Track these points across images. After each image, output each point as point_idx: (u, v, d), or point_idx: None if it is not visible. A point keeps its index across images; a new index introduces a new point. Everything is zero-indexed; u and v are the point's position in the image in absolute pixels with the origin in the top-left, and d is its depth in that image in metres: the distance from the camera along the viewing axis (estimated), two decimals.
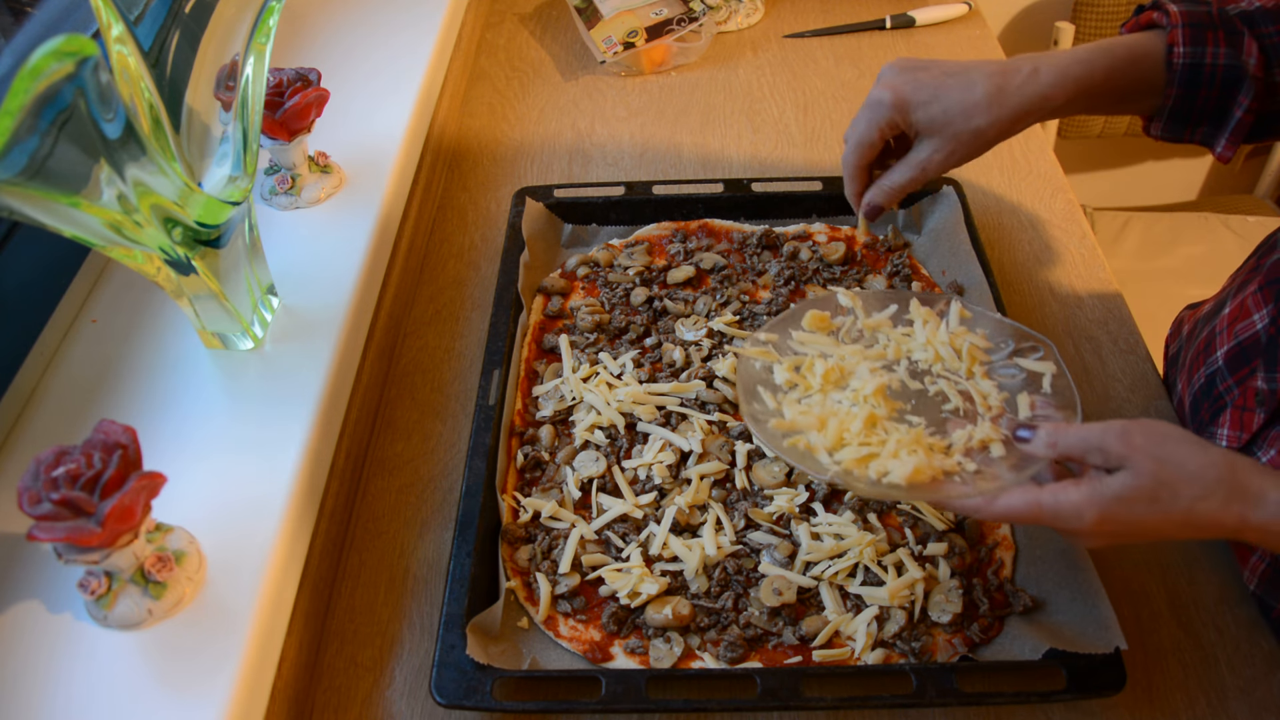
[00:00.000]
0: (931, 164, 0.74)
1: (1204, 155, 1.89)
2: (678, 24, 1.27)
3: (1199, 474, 0.57)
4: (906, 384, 0.73)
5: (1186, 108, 0.71)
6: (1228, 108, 0.71)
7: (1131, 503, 0.58)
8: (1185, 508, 0.57)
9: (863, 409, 0.69)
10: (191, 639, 0.63)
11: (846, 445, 0.68)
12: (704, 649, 0.70)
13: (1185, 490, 0.57)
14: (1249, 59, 0.69)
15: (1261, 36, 0.70)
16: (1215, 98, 0.70)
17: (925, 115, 0.72)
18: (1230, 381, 0.77)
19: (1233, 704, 0.68)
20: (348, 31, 1.17)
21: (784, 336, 0.77)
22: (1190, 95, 0.70)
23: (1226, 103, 0.70)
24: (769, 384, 0.73)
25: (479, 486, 0.75)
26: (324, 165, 0.95)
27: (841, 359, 0.74)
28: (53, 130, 0.54)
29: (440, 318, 0.98)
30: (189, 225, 0.68)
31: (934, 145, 0.73)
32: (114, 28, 0.60)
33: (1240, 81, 0.69)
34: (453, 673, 0.66)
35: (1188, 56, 0.69)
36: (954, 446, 0.68)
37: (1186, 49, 0.69)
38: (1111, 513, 0.58)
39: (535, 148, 1.19)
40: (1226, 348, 0.79)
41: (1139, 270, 1.55)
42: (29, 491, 0.57)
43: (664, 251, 0.99)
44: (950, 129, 0.72)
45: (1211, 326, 0.83)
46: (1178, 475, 0.58)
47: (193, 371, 0.79)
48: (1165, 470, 0.58)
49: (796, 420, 0.69)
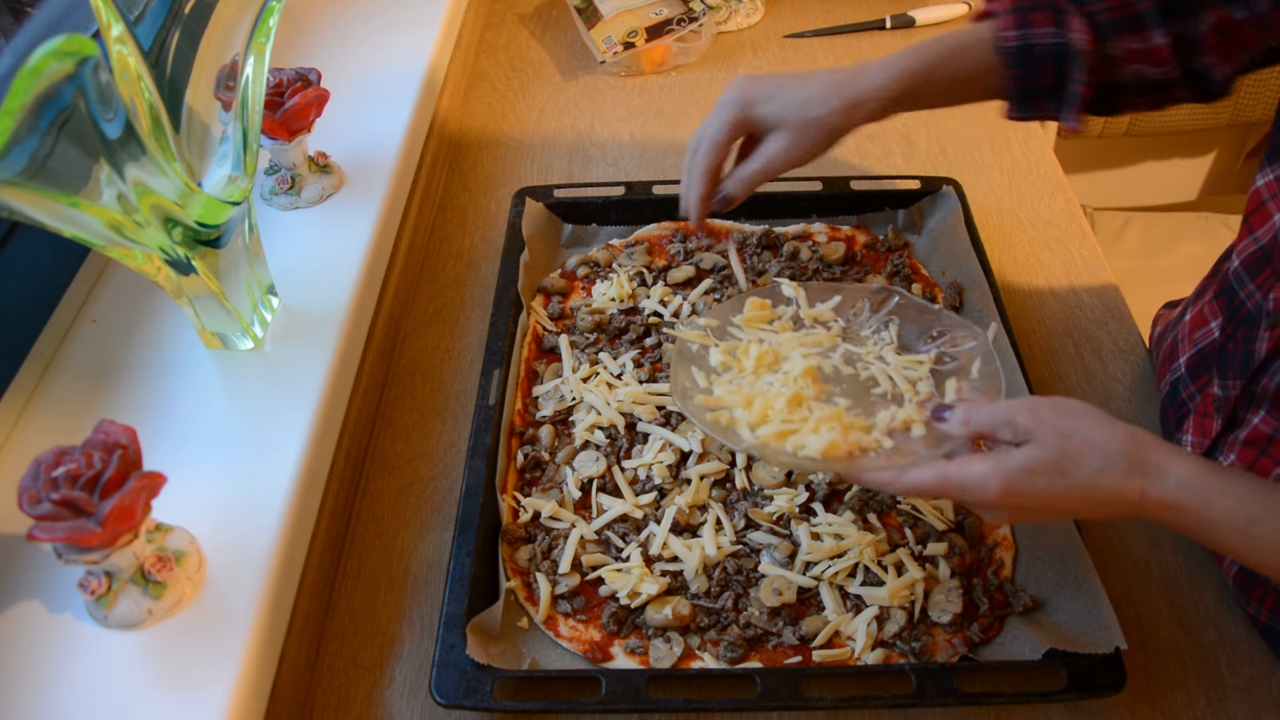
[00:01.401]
0: (776, 154, 0.77)
1: (1204, 155, 1.89)
2: (678, 24, 1.27)
3: (1101, 446, 0.59)
4: (840, 369, 0.76)
5: (1026, 87, 0.74)
6: (1065, 83, 0.73)
7: (1035, 474, 0.59)
8: (1087, 480, 0.59)
9: (789, 388, 0.72)
10: (191, 639, 0.63)
11: (769, 422, 0.70)
12: (704, 649, 0.70)
13: (1087, 461, 0.59)
14: (1075, 35, 0.71)
15: (1090, 14, 0.72)
16: (1050, 74, 0.73)
17: (768, 110, 0.77)
18: (1193, 389, 0.79)
19: (1233, 704, 0.68)
20: (348, 31, 1.17)
21: (724, 322, 0.80)
22: (1026, 75, 0.73)
23: (1063, 78, 0.73)
24: (703, 365, 0.77)
25: (479, 486, 0.75)
26: (324, 165, 0.95)
27: (777, 345, 0.77)
28: (53, 130, 0.54)
29: (440, 318, 0.98)
30: (189, 225, 0.68)
31: (778, 137, 0.77)
32: (114, 28, 0.60)
33: (1072, 58, 0.72)
34: (453, 673, 0.66)
35: (1015, 40, 0.72)
36: (877, 426, 0.70)
37: (1013, 32, 0.72)
38: (1016, 483, 0.59)
39: (535, 148, 1.19)
40: (1187, 355, 0.80)
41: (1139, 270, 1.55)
42: (29, 491, 0.57)
43: (664, 251, 0.99)
44: (791, 120, 0.76)
45: (1175, 333, 0.85)
46: (1081, 447, 0.59)
47: (193, 371, 0.79)
48: (1069, 443, 0.59)
49: (724, 398, 0.72)
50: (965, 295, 0.92)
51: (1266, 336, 0.68)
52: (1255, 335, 0.69)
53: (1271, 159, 0.69)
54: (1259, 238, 0.70)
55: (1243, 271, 0.72)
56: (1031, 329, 0.95)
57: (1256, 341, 0.69)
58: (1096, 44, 0.72)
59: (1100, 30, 0.72)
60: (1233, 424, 0.73)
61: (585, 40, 1.30)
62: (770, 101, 0.77)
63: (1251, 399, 0.71)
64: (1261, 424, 0.70)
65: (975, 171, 1.11)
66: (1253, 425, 0.70)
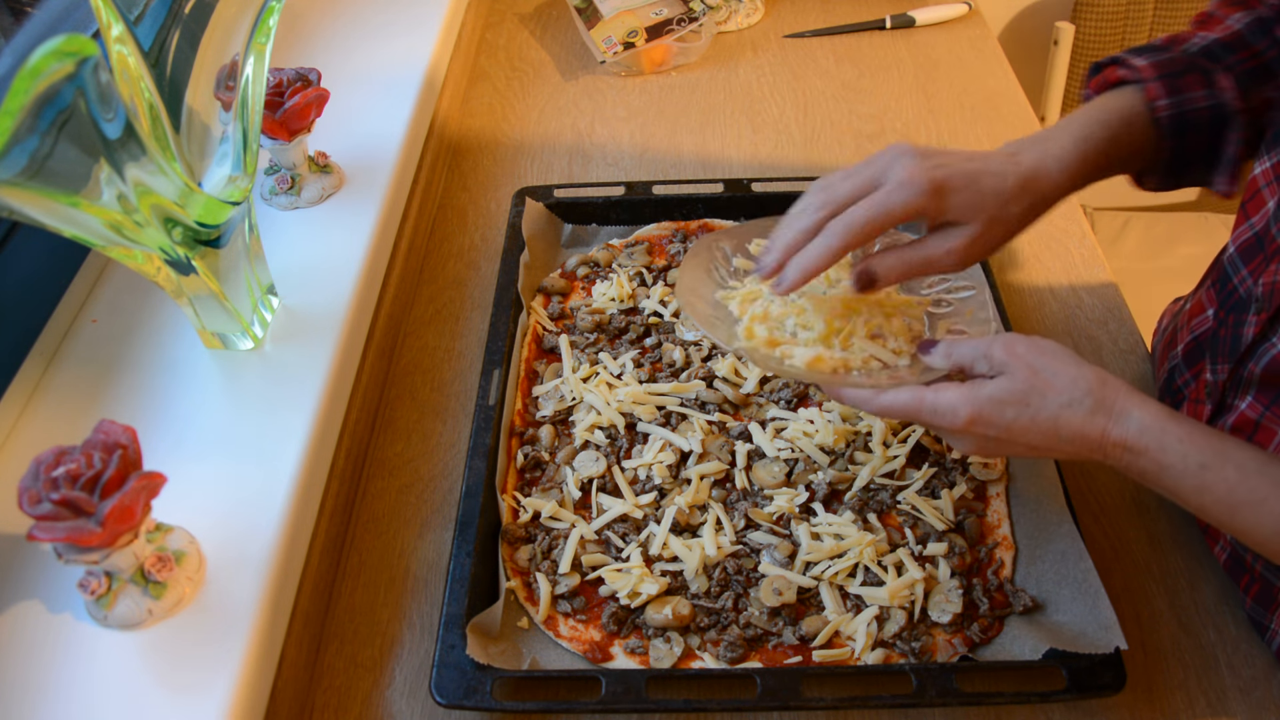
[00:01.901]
0: (957, 249, 0.68)
1: None
2: (678, 24, 1.27)
3: (1070, 384, 0.61)
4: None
5: (1179, 156, 0.71)
6: (1219, 147, 0.71)
7: (1003, 404, 0.61)
8: (1052, 414, 0.61)
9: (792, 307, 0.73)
10: (191, 639, 0.63)
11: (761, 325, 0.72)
12: (704, 649, 0.70)
13: (1054, 396, 0.61)
14: (1226, 94, 0.69)
15: (1230, 67, 0.70)
16: (1205, 140, 0.71)
17: (960, 200, 0.67)
18: (1187, 375, 0.79)
19: (1233, 704, 0.68)
20: (348, 31, 1.17)
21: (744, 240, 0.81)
22: (1181, 143, 0.70)
23: (1218, 142, 0.71)
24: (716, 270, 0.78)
25: (479, 486, 0.75)
26: (324, 165, 0.95)
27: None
28: (53, 130, 0.54)
29: (440, 318, 0.98)
30: (189, 225, 0.68)
31: (963, 232, 0.68)
32: (114, 28, 0.60)
33: (1228, 119, 0.70)
34: (453, 673, 0.66)
35: (1171, 107, 0.69)
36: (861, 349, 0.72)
37: (1167, 100, 0.69)
38: (984, 412, 0.62)
39: (535, 148, 1.19)
40: (1185, 342, 0.80)
41: (1139, 270, 1.55)
42: (29, 491, 0.57)
43: (664, 251, 0.99)
44: (985, 214, 0.67)
45: (1175, 322, 0.85)
46: (1050, 382, 0.61)
47: (193, 371, 0.79)
48: (1039, 378, 0.61)
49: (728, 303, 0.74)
50: None
51: (1254, 321, 0.68)
52: (1244, 319, 0.69)
53: (1270, 146, 0.68)
54: (1254, 224, 0.70)
55: (1237, 257, 0.71)
56: (1031, 329, 0.95)
57: (1245, 325, 0.69)
58: (1245, 98, 0.69)
59: (1244, 82, 0.70)
60: (1221, 409, 0.73)
61: (585, 40, 1.30)
62: (964, 190, 0.67)
63: (1239, 383, 0.70)
64: (1248, 409, 0.69)
65: None
66: (1240, 410, 0.70)
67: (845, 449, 0.80)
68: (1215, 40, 0.72)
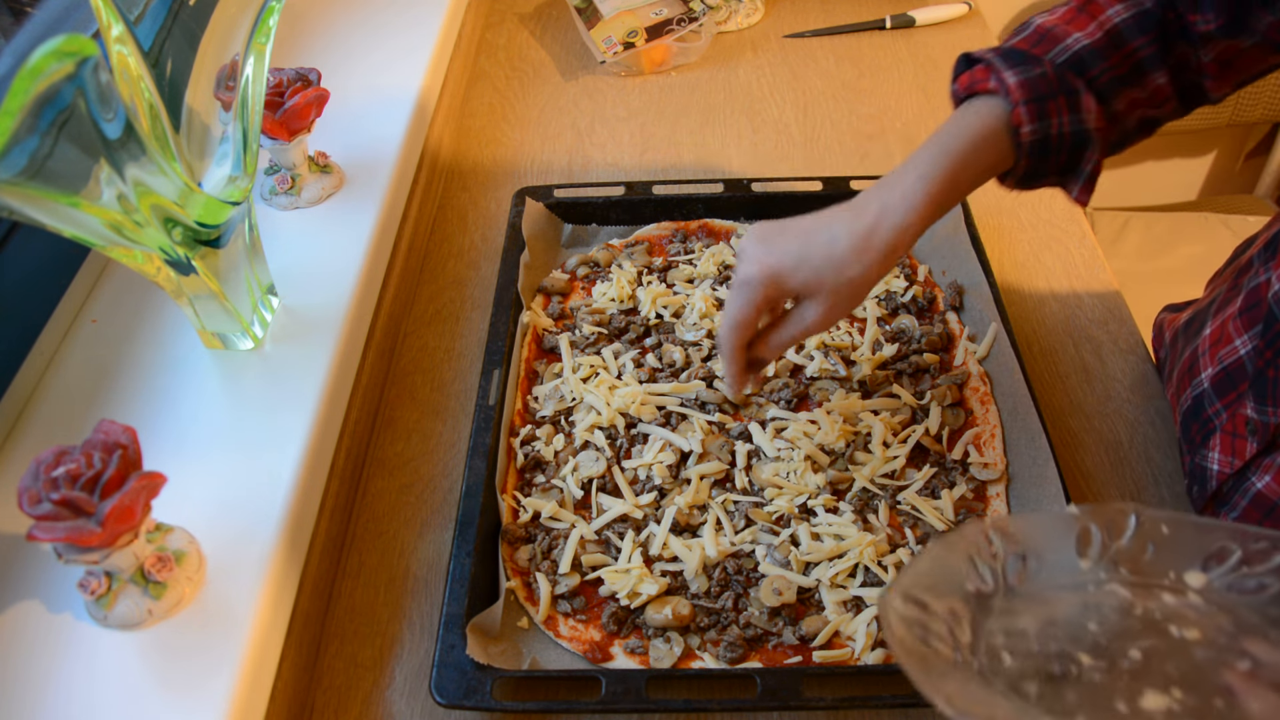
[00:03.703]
0: (815, 323, 0.71)
1: (1204, 155, 1.89)
2: (678, 24, 1.27)
3: None
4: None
5: (1036, 171, 0.71)
6: (1077, 163, 0.71)
7: None
8: None
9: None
10: (191, 639, 0.63)
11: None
12: (704, 649, 0.70)
13: None
14: (1089, 116, 0.69)
15: (1092, 80, 0.69)
16: (1064, 159, 0.70)
17: (797, 280, 0.69)
18: (1219, 405, 0.77)
19: None
20: (348, 31, 1.17)
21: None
22: (1040, 162, 0.70)
23: (1075, 160, 0.71)
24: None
25: (479, 486, 0.75)
26: (324, 165, 0.95)
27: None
28: (53, 130, 0.54)
29: (440, 318, 0.98)
30: (189, 225, 0.68)
31: (814, 305, 0.70)
32: (114, 28, 0.60)
33: (1087, 142, 0.70)
34: (453, 673, 0.66)
35: (1035, 133, 0.68)
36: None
37: (1032, 125, 0.68)
38: None
39: (535, 148, 1.19)
40: (1212, 371, 0.78)
41: (1139, 270, 1.55)
42: (29, 491, 0.57)
43: (664, 251, 0.99)
44: (826, 286, 0.69)
45: (1194, 346, 0.82)
46: None
47: (193, 371, 0.79)
48: None
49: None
50: (965, 295, 0.92)
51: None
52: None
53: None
54: None
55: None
56: (1031, 329, 0.95)
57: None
58: (1105, 118, 0.70)
59: (1103, 96, 0.70)
60: (1271, 448, 0.71)
61: (585, 40, 1.30)
62: (798, 271, 0.69)
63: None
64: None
65: None
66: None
67: (845, 449, 0.80)
68: (1087, 46, 0.70)
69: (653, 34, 1.27)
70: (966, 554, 0.55)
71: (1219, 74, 0.70)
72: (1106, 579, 0.55)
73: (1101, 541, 0.56)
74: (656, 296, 0.93)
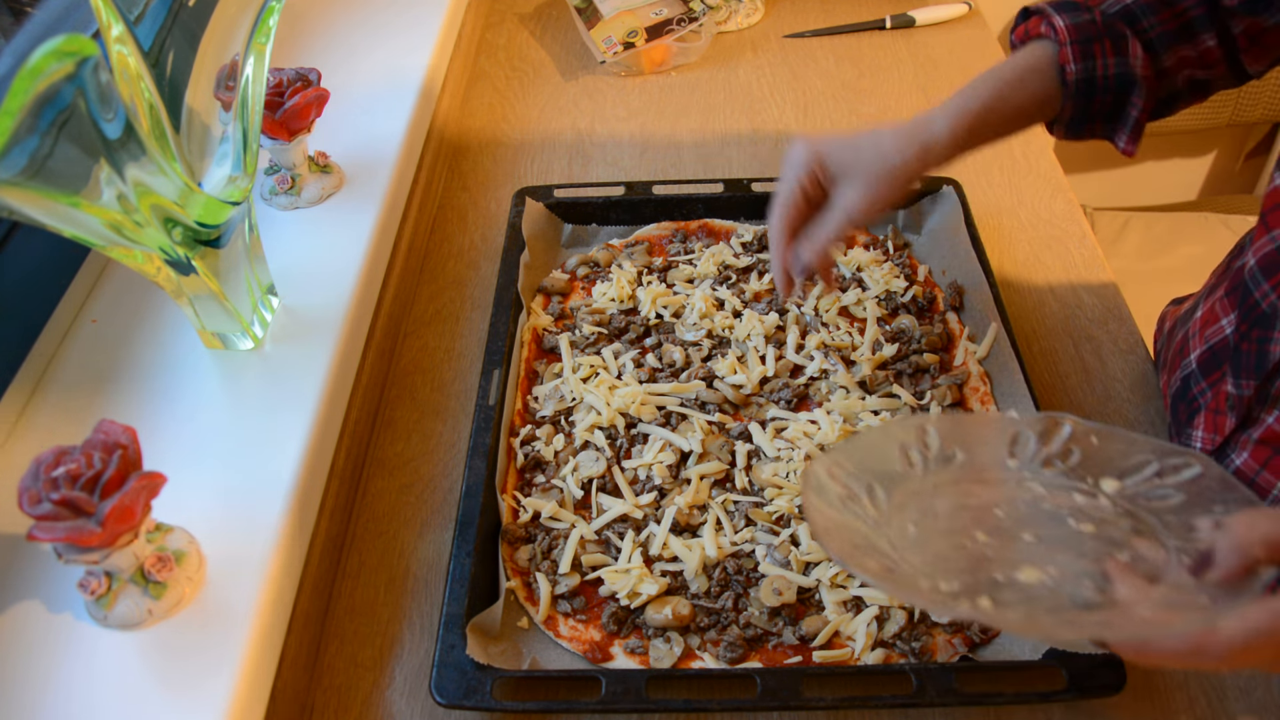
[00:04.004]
0: (854, 205, 0.72)
1: (1204, 155, 1.89)
2: (678, 24, 1.27)
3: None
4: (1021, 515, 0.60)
5: (1083, 114, 0.74)
6: (1123, 108, 0.73)
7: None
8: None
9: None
10: (191, 639, 0.63)
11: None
12: (704, 649, 0.70)
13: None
14: (1135, 61, 0.71)
15: (1142, 32, 0.71)
16: (1110, 102, 0.72)
17: (840, 159, 0.73)
18: (1204, 384, 0.78)
19: (1232, 704, 0.68)
20: (348, 31, 1.17)
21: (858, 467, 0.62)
22: (1086, 104, 0.73)
23: (1121, 105, 0.73)
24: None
25: (479, 486, 0.75)
26: (324, 165, 0.95)
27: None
28: (53, 130, 0.54)
29: (440, 318, 0.98)
30: (189, 225, 0.68)
31: (853, 186, 0.73)
32: (114, 28, 0.60)
33: (1132, 85, 0.71)
34: (453, 672, 0.66)
35: (1080, 72, 0.71)
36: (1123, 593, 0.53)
37: (1078, 65, 0.71)
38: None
39: (535, 148, 1.19)
40: (1199, 351, 0.80)
41: (1139, 270, 1.55)
42: (29, 491, 0.57)
43: (664, 251, 0.99)
44: (866, 168, 0.72)
45: (1186, 329, 0.84)
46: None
47: (193, 371, 0.79)
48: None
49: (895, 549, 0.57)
50: (965, 295, 0.92)
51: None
52: (1270, 336, 0.69)
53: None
54: (1275, 235, 0.70)
55: (1258, 271, 0.71)
56: (1031, 329, 0.95)
57: (1271, 343, 0.69)
58: (1152, 65, 0.71)
59: (1153, 48, 0.71)
60: (1247, 422, 0.73)
61: (585, 40, 1.30)
62: (843, 150, 0.73)
63: (1265, 399, 0.71)
64: (1276, 423, 0.70)
65: (975, 171, 1.11)
66: (1267, 425, 0.71)
67: None
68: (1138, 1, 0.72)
69: (653, 34, 1.27)
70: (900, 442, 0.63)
71: (1249, 48, 0.72)
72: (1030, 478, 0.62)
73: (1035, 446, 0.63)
74: (656, 296, 0.93)
